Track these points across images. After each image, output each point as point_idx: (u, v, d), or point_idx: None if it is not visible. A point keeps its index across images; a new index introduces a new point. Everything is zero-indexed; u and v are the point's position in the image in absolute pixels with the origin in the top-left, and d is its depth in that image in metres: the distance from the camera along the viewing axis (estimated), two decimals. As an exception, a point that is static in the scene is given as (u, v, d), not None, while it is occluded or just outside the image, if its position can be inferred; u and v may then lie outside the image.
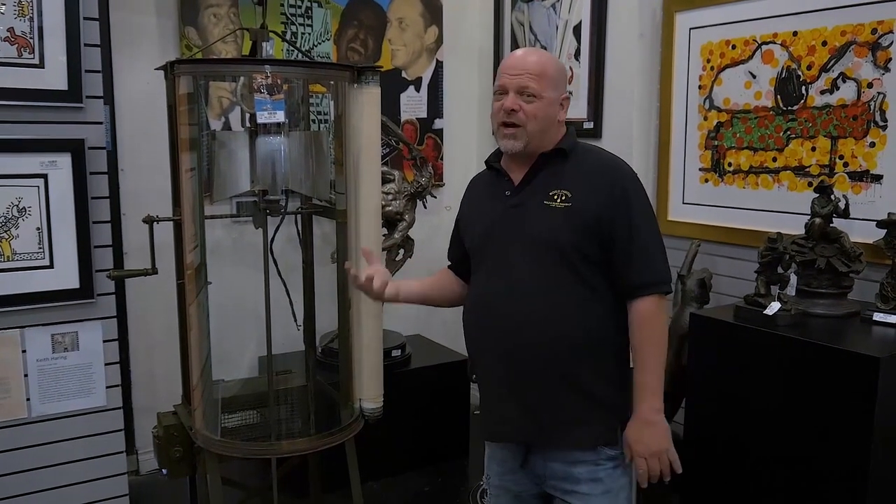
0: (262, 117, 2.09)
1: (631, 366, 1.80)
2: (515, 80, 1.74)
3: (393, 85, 3.76)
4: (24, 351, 2.36)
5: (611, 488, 1.79)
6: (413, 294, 1.99)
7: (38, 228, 2.33)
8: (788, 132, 2.70)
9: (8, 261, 2.29)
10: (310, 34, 3.53)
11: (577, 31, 3.41)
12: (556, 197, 1.75)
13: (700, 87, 3.01)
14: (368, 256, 1.96)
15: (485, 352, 1.84)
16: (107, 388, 2.48)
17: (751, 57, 2.81)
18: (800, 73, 2.65)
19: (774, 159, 2.76)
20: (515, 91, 1.74)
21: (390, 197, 3.31)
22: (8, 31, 2.23)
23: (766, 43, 2.76)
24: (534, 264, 1.75)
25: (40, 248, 2.34)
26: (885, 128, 2.42)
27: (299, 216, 2.59)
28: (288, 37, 3.44)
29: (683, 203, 3.12)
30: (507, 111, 1.75)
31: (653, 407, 1.73)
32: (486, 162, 1.91)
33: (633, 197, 1.75)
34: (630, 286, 1.74)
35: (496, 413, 1.84)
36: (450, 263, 2.06)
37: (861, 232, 2.43)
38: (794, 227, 2.54)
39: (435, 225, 3.74)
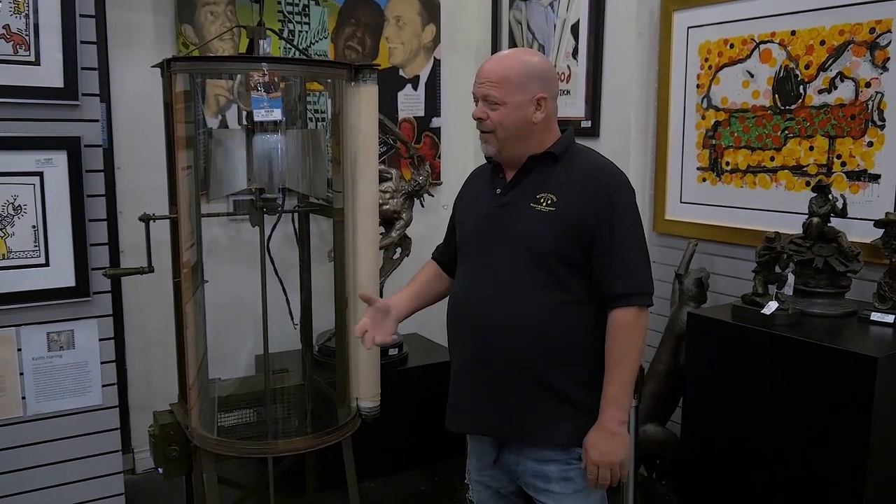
0: (259, 115, 2.08)
1: None
2: (480, 88, 1.79)
3: (390, 83, 3.75)
4: (19, 349, 2.35)
5: (582, 488, 1.80)
6: (406, 311, 1.98)
7: (33, 226, 2.31)
8: (786, 131, 2.70)
9: (3, 259, 2.28)
10: (307, 32, 3.52)
11: (574, 29, 3.40)
12: (542, 200, 1.76)
13: (698, 86, 3.01)
14: (367, 300, 1.95)
15: (461, 348, 1.86)
16: (102, 386, 2.47)
17: (749, 56, 2.81)
18: (798, 72, 2.65)
19: (772, 158, 2.76)
20: (482, 99, 1.79)
21: (387, 195, 3.30)
22: (3, 27, 2.22)
23: (764, 42, 2.75)
24: (513, 266, 1.76)
25: (36, 245, 2.33)
26: (882, 127, 2.42)
27: (296, 214, 2.59)
28: (285, 35, 3.43)
29: (681, 202, 3.12)
30: (475, 119, 1.82)
31: (615, 418, 1.73)
32: (486, 156, 1.92)
33: (618, 204, 1.74)
34: (608, 295, 1.74)
35: (470, 406, 1.85)
36: (435, 255, 2.08)
37: (859, 231, 2.43)
38: (792, 226, 2.53)
39: (432, 223, 3.73)
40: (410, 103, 3.87)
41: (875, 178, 2.45)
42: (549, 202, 1.74)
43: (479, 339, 1.79)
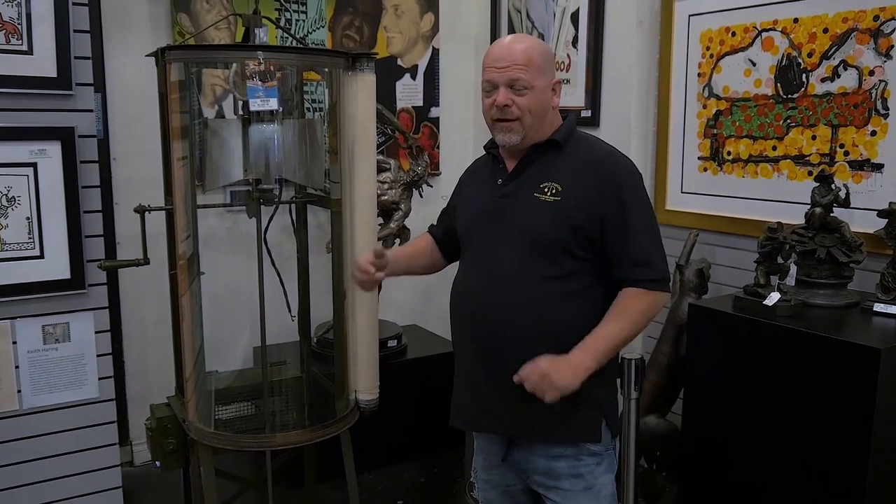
0: (255, 105, 2.05)
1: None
2: (504, 73, 1.69)
3: (388, 73, 3.72)
4: (14, 342, 2.33)
5: (592, 485, 1.77)
6: (399, 268, 1.96)
7: (27, 218, 2.29)
8: (788, 120, 2.68)
9: (-3, 251, 2.26)
10: (304, 21, 3.49)
11: (574, 18, 3.37)
12: (546, 189, 1.72)
13: (699, 74, 2.98)
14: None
15: (466, 342, 1.82)
16: (99, 379, 2.46)
17: (751, 44, 2.78)
18: (800, 60, 2.62)
19: (774, 148, 2.73)
20: (505, 85, 1.69)
21: (386, 186, 3.28)
22: (-5, 16, 2.19)
23: (767, 30, 2.72)
24: (517, 257, 1.72)
25: (30, 237, 2.30)
26: (886, 116, 2.40)
27: (293, 205, 2.56)
28: (282, 23, 3.39)
29: (682, 192, 3.10)
30: (499, 107, 1.70)
31: (582, 362, 1.63)
32: (485, 147, 1.89)
33: (626, 191, 1.70)
34: (625, 284, 1.70)
35: (476, 403, 1.81)
36: (430, 230, 2.06)
37: (862, 221, 2.41)
38: (794, 216, 2.51)
39: (431, 214, 3.65)
40: (409, 93, 3.84)
41: (878, 167, 2.43)
42: (554, 191, 1.70)
43: (483, 334, 1.74)
